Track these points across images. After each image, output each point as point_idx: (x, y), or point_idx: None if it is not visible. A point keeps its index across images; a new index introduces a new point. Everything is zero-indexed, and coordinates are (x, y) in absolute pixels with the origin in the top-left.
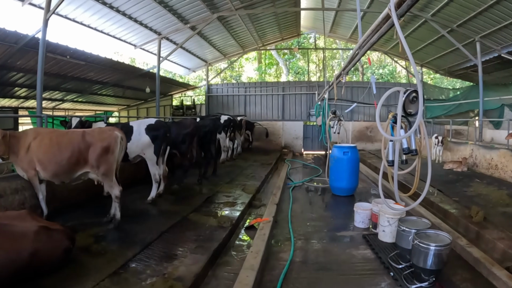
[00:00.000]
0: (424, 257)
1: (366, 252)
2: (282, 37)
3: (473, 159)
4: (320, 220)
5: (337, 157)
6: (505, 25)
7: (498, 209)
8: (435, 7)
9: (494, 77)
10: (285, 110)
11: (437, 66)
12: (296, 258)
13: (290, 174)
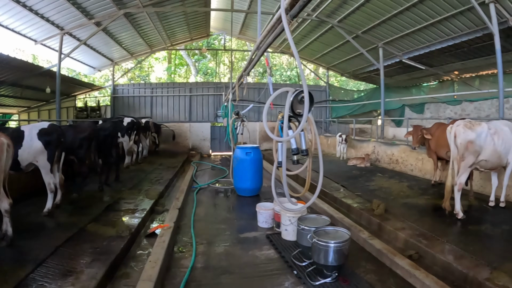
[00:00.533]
0: (324, 254)
1: (269, 252)
2: (191, 37)
3: (376, 155)
4: (223, 223)
5: (240, 158)
6: (406, 33)
7: (399, 200)
8: (342, 14)
9: (396, 80)
10: (192, 111)
11: (343, 69)
12: (198, 264)
13: (196, 176)
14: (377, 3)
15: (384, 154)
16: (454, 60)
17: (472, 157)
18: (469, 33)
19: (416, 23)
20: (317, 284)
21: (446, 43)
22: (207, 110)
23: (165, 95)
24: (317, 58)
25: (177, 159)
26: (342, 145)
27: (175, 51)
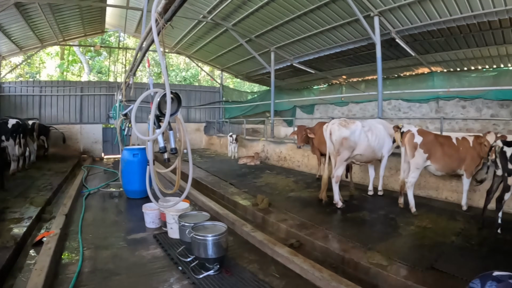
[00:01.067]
0: (203, 248)
1: (156, 251)
2: (85, 33)
3: (265, 153)
4: (112, 226)
5: (127, 159)
6: (297, 39)
7: (284, 194)
8: (236, 18)
9: (288, 83)
10: (84, 112)
11: (237, 71)
12: (85, 269)
13: (87, 181)
14: (271, 10)
15: (273, 152)
16: (342, 65)
17: (347, 152)
18: (355, 42)
19: (307, 30)
20: (200, 277)
21: (334, 49)
22: (99, 111)
23: (55, 94)
24: (212, 59)
25: (67, 163)
26: (233, 144)
27: (68, 47)
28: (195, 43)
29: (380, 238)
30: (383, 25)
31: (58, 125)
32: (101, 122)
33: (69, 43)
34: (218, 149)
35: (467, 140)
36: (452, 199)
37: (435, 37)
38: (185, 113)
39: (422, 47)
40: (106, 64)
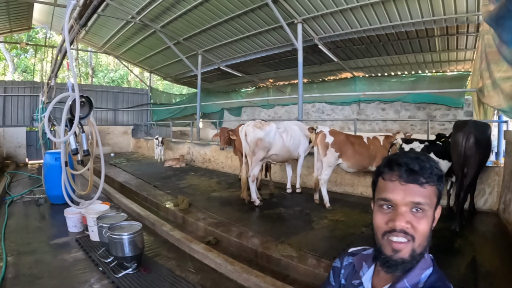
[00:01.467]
0: (120, 247)
1: (77, 254)
2: (11, 29)
3: (191, 155)
4: (35, 232)
5: (49, 164)
6: (225, 43)
7: (205, 195)
8: (165, 20)
9: (216, 85)
10: (6, 114)
11: (166, 73)
12: (8, 275)
13: (10, 187)
14: (199, 13)
15: (198, 154)
16: (268, 69)
17: (262, 152)
18: (280, 47)
19: (234, 34)
20: (119, 276)
21: (260, 54)
22: (23, 113)
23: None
24: (140, 61)
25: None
26: (160, 147)
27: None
28: (123, 43)
29: (292, 232)
30: (306, 32)
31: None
32: (25, 125)
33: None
34: (146, 152)
35: (378, 139)
36: (366, 194)
37: (356, 44)
38: (112, 116)
39: (344, 54)
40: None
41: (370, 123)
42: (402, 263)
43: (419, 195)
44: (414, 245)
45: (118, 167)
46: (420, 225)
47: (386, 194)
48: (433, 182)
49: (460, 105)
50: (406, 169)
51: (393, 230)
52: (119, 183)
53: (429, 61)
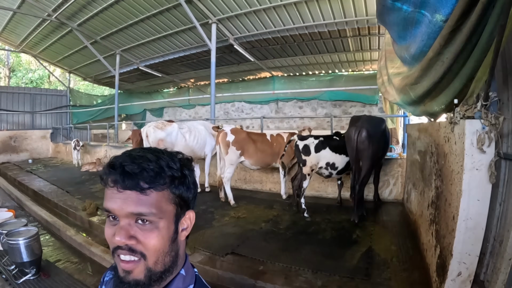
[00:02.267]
0: (18, 252)
1: None
2: None
3: (108, 158)
4: None
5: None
6: (142, 42)
7: None
8: (82, 18)
9: (138, 86)
10: None
11: (85, 73)
12: None
13: None
14: (115, 12)
15: None
16: (188, 69)
17: None
18: (196, 47)
19: (151, 34)
20: (20, 282)
21: (178, 54)
22: None
23: None
24: (59, 60)
25: None
26: (77, 151)
27: None
28: (41, 42)
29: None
30: (221, 32)
31: None
32: None
33: None
34: (65, 157)
35: (282, 136)
36: (275, 190)
37: (271, 44)
38: (30, 120)
39: (261, 53)
40: None
41: (288, 121)
42: (137, 286)
43: (141, 204)
44: (147, 263)
45: (34, 174)
46: (148, 240)
47: (106, 203)
48: (161, 186)
49: (375, 102)
50: (122, 171)
51: (118, 247)
52: (32, 190)
53: (345, 60)
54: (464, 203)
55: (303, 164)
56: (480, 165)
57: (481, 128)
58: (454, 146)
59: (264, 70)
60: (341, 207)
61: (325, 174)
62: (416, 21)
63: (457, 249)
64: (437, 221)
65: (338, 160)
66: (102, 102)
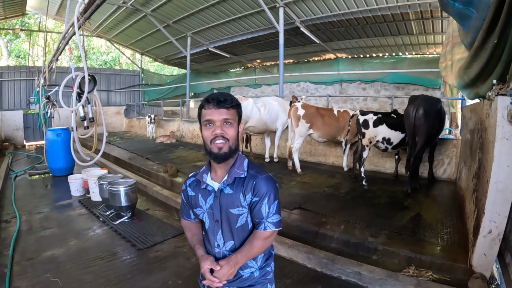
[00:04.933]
0: (118, 198)
1: (81, 211)
2: (5, 16)
3: (181, 132)
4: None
5: (51, 139)
6: (212, 25)
7: (192, 164)
8: (155, 4)
9: (205, 66)
10: (3, 98)
11: (156, 55)
12: (23, 228)
13: (12, 165)
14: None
15: (187, 131)
16: (255, 50)
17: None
18: (264, 29)
19: (220, 17)
20: (117, 223)
21: (246, 36)
22: (19, 97)
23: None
24: (132, 43)
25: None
26: (151, 125)
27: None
28: (115, 27)
29: None
30: (288, 15)
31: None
32: (22, 108)
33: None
34: (138, 131)
35: (348, 112)
36: (337, 163)
37: (336, 27)
38: (106, 97)
39: (326, 35)
40: (24, 47)
41: (352, 101)
42: (225, 155)
43: (228, 115)
44: (229, 144)
45: (112, 144)
46: (230, 132)
47: (208, 117)
48: (234, 107)
49: (437, 85)
50: (217, 100)
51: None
52: (114, 157)
53: (408, 43)
54: (495, 167)
55: (362, 136)
56: (510, 136)
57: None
58: (491, 120)
59: (329, 51)
60: (396, 180)
61: (381, 147)
62: (467, 16)
63: (489, 208)
64: (477, 188)
65: (394, 136)
66: (172, 81)
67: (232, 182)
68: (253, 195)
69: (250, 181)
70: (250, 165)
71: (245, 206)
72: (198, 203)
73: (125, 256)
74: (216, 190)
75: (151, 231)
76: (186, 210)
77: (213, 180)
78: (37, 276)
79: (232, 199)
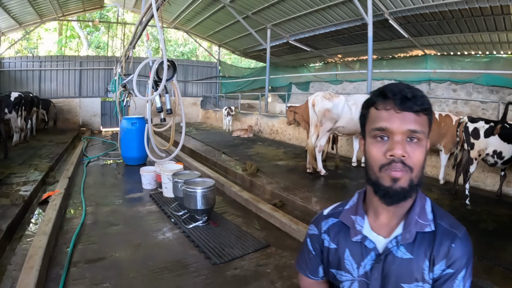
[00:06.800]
0: (193, 200)
1: (151, 208)
2: (84, 8)
3: (258, 126)
4: (111, 188)
5: (126, 128)
6: (293, 17)
7: (272, 163)
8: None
9: (284, 60)
10: (83, 86)
11: (234, 47)
12: (87, 221)
13: (86, 151)
14: None
15: (266, 126)
16: (337, 44)
17: (329, 124)
18: (349, 22)
19: (302, 8)
20: (190, 227)
21: (329, 28)
22: (98, 85)
23: (55, 69)
24: (209, 35)
25: (67, 135)
26: (228, 118)
27: (67, 22)
28: (193, 18)
29: None
30: (376, 6)
31: (58, 99)
32: (100, 95)
33: (68, 18)
34: (214, 122)
35: (450, 117)
36: (431, 174)
37: (428, 20)
38: (182, 87)
39: (416, 30)
40: (104, 39)
41: (440, 104)
42: (403, 192)
43: (416, 123)
44: (412, 175)
45: (188, 135)
46: (416, 155)
47: (381, 123)
48: (426, 111)
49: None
50: (401, 96)
51: (392, 162)
52: (189, 149)
53: (505, 41)
54: None
55: (471, 147)
56: None
57: None
58: None
59: (417, 47)
60: (500, 200)
61: (490, 162)
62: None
63: None
64: None
65: (506, 149)
66: (249, 74)
67: (412, 240)
68: (446, 265)
69: (445, 241)
70: (436, 210)
71: (428, 281)
72: (344, 264)
73: (198, 272)
74: (381, 250)
75: (228, 241)
76: (312, 264)
77: (374, 230)
78: (95, 284)
79: (409, 268)
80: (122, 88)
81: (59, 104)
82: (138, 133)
